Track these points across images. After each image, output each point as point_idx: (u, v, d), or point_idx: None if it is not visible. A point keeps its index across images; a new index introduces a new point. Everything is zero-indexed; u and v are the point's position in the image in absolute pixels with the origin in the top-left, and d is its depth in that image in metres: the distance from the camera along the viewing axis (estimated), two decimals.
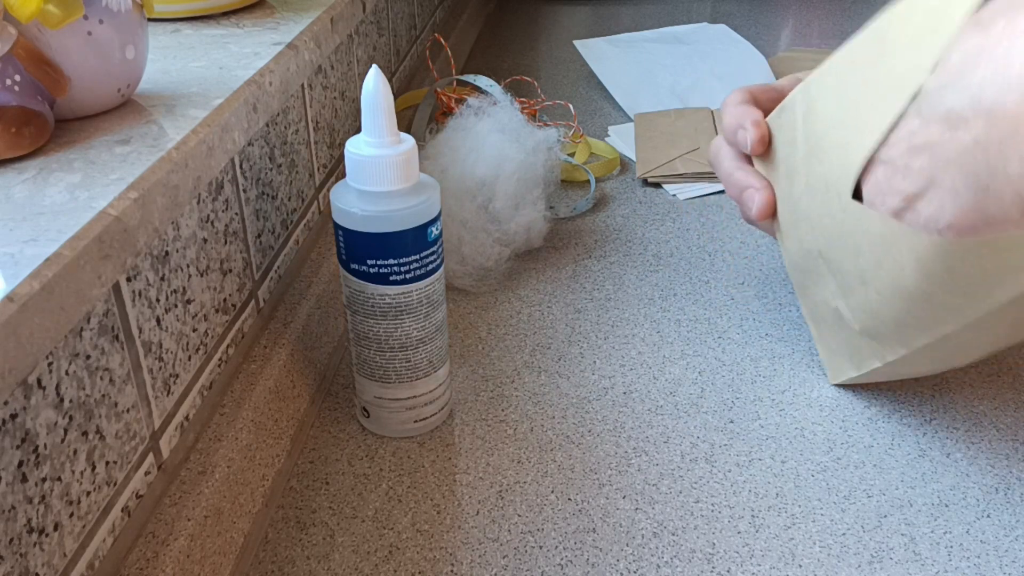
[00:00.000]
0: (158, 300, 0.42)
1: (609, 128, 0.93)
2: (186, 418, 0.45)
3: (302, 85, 0.62)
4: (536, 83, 1.02)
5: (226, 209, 0.49)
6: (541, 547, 0.45)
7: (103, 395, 0.37)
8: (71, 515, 0.35)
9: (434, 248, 0.48)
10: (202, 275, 0.47)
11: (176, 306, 0.44)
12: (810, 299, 0.55)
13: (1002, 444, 0.51)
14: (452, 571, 0.44)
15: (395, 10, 0.90)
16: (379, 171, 0.46)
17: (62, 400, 0.34)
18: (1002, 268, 0.39)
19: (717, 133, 0.86)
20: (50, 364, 0.34)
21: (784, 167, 0.52)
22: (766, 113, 0.54)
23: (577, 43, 1.13)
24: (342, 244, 0.48)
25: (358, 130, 0.47)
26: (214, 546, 0.43)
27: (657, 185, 0.81)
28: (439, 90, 0.85)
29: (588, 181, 0.82)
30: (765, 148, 0.53)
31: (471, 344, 0.60)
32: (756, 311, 0.63)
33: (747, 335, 0.61)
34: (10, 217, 0.34)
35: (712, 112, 0.91)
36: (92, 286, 0.33)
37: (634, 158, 0.85)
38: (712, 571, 0.43)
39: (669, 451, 0.51)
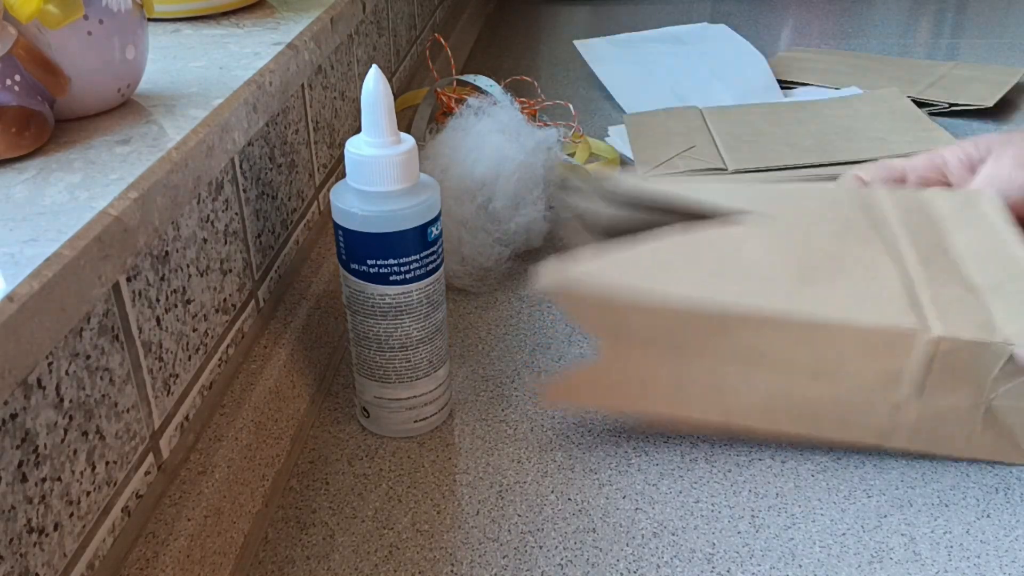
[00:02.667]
0: (158, 300, 0.42)
1: (609, 128, 0.93)
2: (186, 418, 0.45)
3: (302, 85, 0.62)
4: (536, 83, 1.02)
5: (226, 209, 0.49)
6: (541, 547, 0.45)
7: (103, 395, 0.37)
8: (71, 515, 0.35)
9: (434, 248, 0.48)
10: (202, 275, 0.47)
11: (176, 306, 0.44)
12: None
13: None
14: (452, 571, 0.44)
15: (395, 10, 0.90)
16: (379, 171, 0.46)
17: (62, 400, 0.34)
18: None
19: (711, 134, 0.86)
20: (50, 364, 0.34)
21: None
22: None
23: (577, 43, 1.13)
24: (342, 244, 0.48)
25: (358, 130, 0.47)
26: (214, 546, 0.43)
27: None
28: (439, 90, 0.85)
29: None
30: None
31: (471, 344, 0.60)
32: None
33: None
34: (10, 217, 0.34)
35: (701, 111, 0.91)
36: (92, 286, 0.33)
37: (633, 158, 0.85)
38: (712, 571, 0.43)
39: (669, 451, 0.51)
